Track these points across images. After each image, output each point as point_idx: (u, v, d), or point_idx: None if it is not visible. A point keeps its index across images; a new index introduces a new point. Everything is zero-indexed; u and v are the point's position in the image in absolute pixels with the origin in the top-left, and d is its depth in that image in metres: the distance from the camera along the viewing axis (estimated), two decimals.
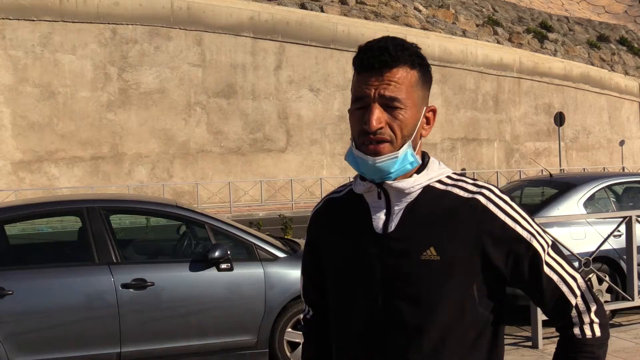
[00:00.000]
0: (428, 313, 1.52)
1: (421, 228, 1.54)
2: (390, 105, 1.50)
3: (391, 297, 1.54)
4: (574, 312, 1.55)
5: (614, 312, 6.95)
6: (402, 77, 1.51)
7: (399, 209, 1.57)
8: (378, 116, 1.49)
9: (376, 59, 1.50)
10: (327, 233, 1.70)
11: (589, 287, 1.58)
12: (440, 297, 1.51)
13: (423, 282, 1.52)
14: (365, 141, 1.51)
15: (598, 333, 1.54)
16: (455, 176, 1.61)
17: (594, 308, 1.55)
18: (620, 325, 6.70)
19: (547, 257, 1.55)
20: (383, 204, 1.59)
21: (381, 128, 1.49)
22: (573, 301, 1.55)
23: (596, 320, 1.55)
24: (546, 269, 1.54)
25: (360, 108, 1.53)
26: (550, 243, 1.57)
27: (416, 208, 1.56)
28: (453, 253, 1.51)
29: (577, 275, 1.57)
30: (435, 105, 1.61)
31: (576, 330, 1.54)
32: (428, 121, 1.59)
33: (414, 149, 1.55)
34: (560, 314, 1.57)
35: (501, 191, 1.57)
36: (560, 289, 1.54)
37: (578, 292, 1.55)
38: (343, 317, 1.64)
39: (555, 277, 1.54)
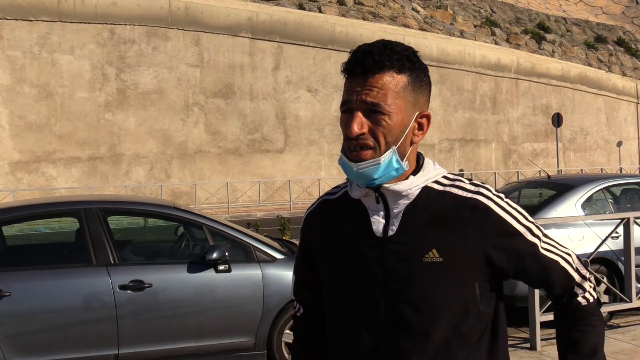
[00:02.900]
0: (432, 315, 1.52)
1: (422, 230, 1.54)
2: (372, 111, 1.49)
3: (394, 302, 1.54)
4: (576, 285, 1.67)
5: (612, 314, 6.95)
6: (386, 83, 1.49)
7: (398, 211, 1.56)
8: (359, 122, 1.49)
9: (359, 65, 1.50)
10: (322, 236, 1.68)
11: (578, 257, 1.72)
12: (443, 298, 1.52)
13: (426, 285, 1.52)
14: (349, 146, 1.51)
15: (595, 296, 1.69)
16: (451, 176, 1.61)
17: (587, 275, 1.69)
18: (618, 326, 6.70)
19: (544, 244, 1.62)
20: (381, 207, 1.58)
21: (363, 134, 1.49)
22: (575, 276, 1.66)
23: (590, 285, 1.69)
24: (549, 255, 1.62)
25: (345, 112, 1.53)
26: (542, 231, 1.65)
27: (415, 210, 1.55)
28: (455, 254, 1.52)
29: (570, 251, 1.69)
30: (429, 111, 1.58)
31: (582, 300, 1.66)
32: (421, 127, 1.56)
33: (403, 155, 1.53)
34: (566, 289, 1.67)
35: (496, 190, 1.62)
36: (565, 268, 1.65)
37: (575, 266, 1.67)
38: (344, 322, 1.62)
39: (558, 259, 1.64)
